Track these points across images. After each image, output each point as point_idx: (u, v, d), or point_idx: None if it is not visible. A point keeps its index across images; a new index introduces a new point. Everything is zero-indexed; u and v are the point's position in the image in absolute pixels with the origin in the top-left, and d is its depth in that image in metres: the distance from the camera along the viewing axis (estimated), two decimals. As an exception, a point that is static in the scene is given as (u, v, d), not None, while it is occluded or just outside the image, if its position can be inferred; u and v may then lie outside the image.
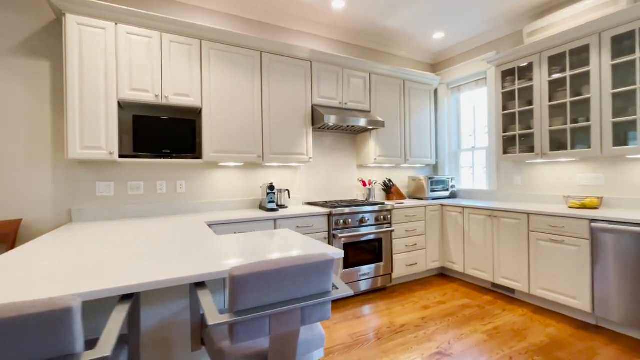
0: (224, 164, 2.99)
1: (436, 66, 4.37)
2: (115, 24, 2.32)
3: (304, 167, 3.43)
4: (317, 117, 3.02)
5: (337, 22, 3.42)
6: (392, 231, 3.18)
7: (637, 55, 2.32)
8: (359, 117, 3.17)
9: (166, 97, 2.48)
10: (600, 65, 2.53)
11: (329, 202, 3.31)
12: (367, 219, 3.03)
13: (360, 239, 2.99)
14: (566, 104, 2.80)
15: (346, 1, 3.00)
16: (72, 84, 2.20)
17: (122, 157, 2.40)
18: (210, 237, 1.67)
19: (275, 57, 2.92)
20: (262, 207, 3.04)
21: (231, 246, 1.44)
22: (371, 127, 3.28)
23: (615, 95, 2.51)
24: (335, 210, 2.85)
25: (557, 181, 3.10)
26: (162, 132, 2.56)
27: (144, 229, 2.04)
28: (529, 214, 2.73)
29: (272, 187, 2.93)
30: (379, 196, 3.92)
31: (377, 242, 3.10)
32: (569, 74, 2.71)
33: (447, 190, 3.93)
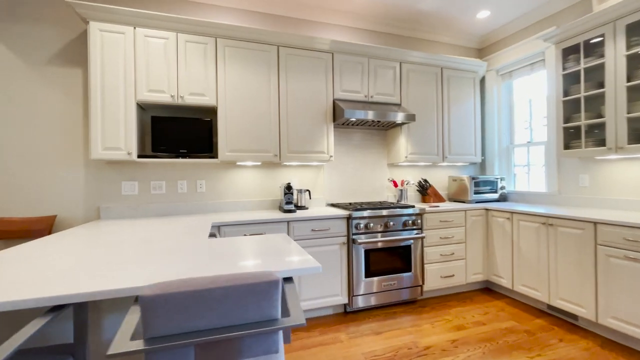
0: (242, 164, 2.94)
1: (484, 51, 3.84)
2: (133, 27, 2.39)
3: (328, 166, 3.24)
4: (339, 113, 2.81)
5: (362, 9, 3.16)
6: (423, 238, 2.82)
7: None
8: (387, 110, 2.87)
9: (182, 97, 2.49)
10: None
11: (353, 203, 3.07)
12: (392, 224, 2.73)
13: (384, 245, 2.70)
14: (652, 84, 2.19)
15: (370, -16, 2.73)
16: (95, 88, 2.31)
17: (141, 157, 2.47)
18: (176, 243, 1.58)
19: (292, 51, 2.78)
20: (280, 208, 2.92)
21: (180, 254, 1.32)
22: (400, 122, 2.96)
23: None
24: (355, 213, 2.61)
25: (637, 183, 2.46)
26: (179, 132, 2.58)
27: (137, 233, 2.04)
28: (595, 223, 2.19)
29: (289, 187, 2.80)
30: (412, 198, 3.56)
31: (405, 250, 2.78)
32: (655, 44, 2.11)
33: (496, 192, 3.41)
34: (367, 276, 2.65)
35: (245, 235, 2.38)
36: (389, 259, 2.72)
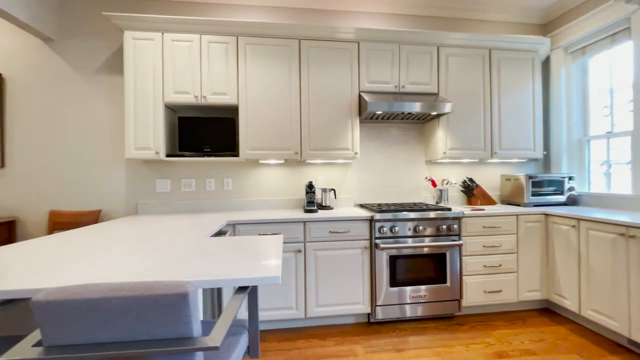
0: (265, 162, 2.91)
1: (547, 26, 3.22)
2: (162, 33, 2.51)
3: (356, 164, 3.04)
4: (364, 106, 2.60)
5: (396, -8, 2.88)
6: (461, 245, 2.46)
7: None
8: (419, 101, 2.57)
9: (204, 97, 2.55)
10: None
11: (381, 204, 2.82)
12: (422, 228, 2.42)
13: (412, 252, 2.42)
14: None
15: (398, -39, 2.47)
16: (128, 92, 2.48)
17: (169, 156, 2.59)
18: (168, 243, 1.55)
19: (314, 43, 2.65)
20: (304, 208, 2.82)
21: (146, 254, 1.27)
22: (435, 113, 2.62)
23: None
24: (378, 214, 2.38)
25: None
26: (203, 132, 2.65)
27: (142, 229, 2.10)
28: (697, 237, 1.63)
29: (310, 186, 2.68)
30: (455, 200, 3.15)
31: (439, 258, 2.45)
32: None
33: (562, 193, 2.83)
34: (392, 285, 2.40)
35: (259, 234, 2.33)
36: (418, 268, 2.43)
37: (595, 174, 2.91)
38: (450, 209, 2.51)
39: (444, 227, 2.45)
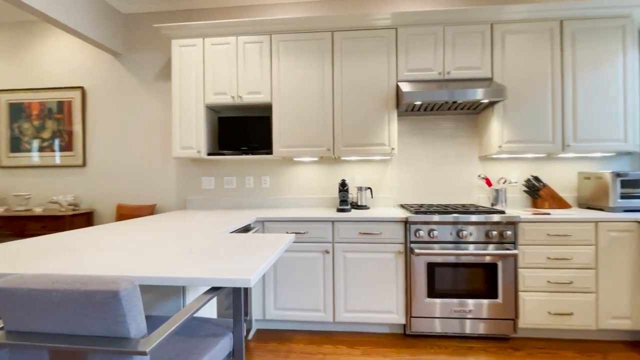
0: (299, 159, 2.87)
1: (651, -17, 2.54)
2: (202, 38, 2.65)
3: (396, 161, 2.81)
4: (401, 97, 2.38)
5: (442, -32, 2.57)
6: (516, 255, 2.08)
7: None
8: (468, 87, 2.25)
9: (240, 97, 2.62)
10: None
11: (424, 205, 2.56)
12: (466, 233, 2.11)
13: (454, 259, 2.13)
14: None
15: None
16: (175, 96, 2.68)
17: (210, 154, 2.73)
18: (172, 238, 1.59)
19: (348, 34, 2.52)
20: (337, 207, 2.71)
21: (151, 247, 1.29)
22: (487, 100, 2.27)
23: None
24: (413, 216, 2.15)
25: None
26: (241, 131, 2.73)
27: (178, 222, 2.21)
28: None
29: (343, 184, 2.56)
30: (517, 201, 2.69)
31: (489, 269, 2.11)
32: None
33: (667, 196, 2.21)
34: (430, 296, 2.15)
35: (287, 232, 2.30)
36: (462, 279, 2.13)
37: None
38: (503, 212, 2.14)
39: (495, 232, 2.10)
